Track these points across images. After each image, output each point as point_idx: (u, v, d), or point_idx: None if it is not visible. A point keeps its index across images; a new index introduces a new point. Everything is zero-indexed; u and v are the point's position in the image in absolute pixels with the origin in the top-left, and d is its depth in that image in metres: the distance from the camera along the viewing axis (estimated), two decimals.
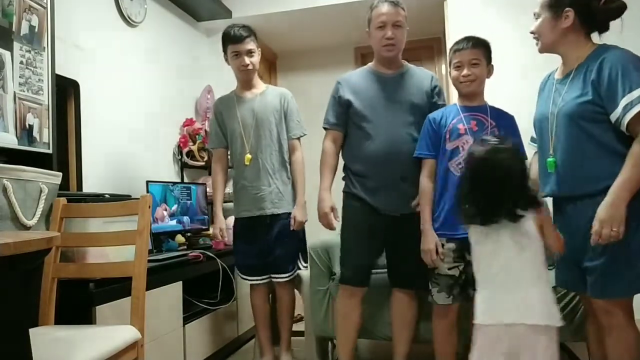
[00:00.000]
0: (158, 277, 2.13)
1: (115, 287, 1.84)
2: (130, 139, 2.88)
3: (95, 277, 1.80)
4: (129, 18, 2.92)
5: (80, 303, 1.78)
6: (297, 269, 2.48)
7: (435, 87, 2.13)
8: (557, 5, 1.66)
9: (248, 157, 2.43)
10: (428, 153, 1.98)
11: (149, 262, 1.89)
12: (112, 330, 1.60)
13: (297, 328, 2.65)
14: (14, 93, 1.72)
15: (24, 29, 1.78)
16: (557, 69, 1.79)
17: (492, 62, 1.98)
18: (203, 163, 3.38)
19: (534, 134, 1.86)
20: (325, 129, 2.21)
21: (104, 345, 1.47)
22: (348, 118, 2.13)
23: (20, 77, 1.75)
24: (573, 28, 1.66)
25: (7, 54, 1.69)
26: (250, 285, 2.51)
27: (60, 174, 1.83)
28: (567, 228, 1.64)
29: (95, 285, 1.79)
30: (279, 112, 2.48)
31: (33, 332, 1.37)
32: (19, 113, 1.73)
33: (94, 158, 2.54)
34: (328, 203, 2.11)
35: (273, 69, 4.72)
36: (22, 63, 1.76)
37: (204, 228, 3.10)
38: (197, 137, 3.36)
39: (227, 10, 3.71)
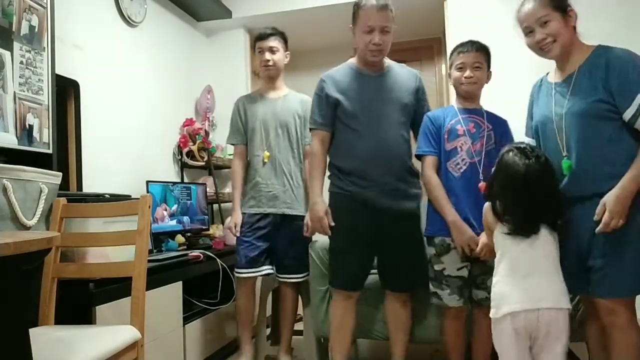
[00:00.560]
0: (158, 277, 2.13)
1: (115, 287, 1.84)
2: (130, 139, 2.89)
3: (95, 277, 1.80)
4: (129, 18, 2.92)
5: (80, 303, 1.78)
6: (309, 272, 2.44)
7: (421, 86, 2.13)
8: (562, 5, 1.68)
9: (267, 154, 2.47)
10: (430, 150, 1.98)
11: (149, 262, 1.89)
12: (112, 330, 1.60)
13: (296, 328, 2.66)
14: (14, 93, 1.72)
15: (24, 29, 1.77)
16: (547, 74, 1.82)
17: (491, 68, 2.00)
18: (203, 163, 3.38)
19: (529, 136, 1.86)
20: (312, 130, 2.14)
21: (104, 345, 1.47)
22: (335, 117, 2.08)
23: (20, 77, 1.75)
24: (574, 26, 1.70)
25: (7, 54, 1.69)
26: (239, 281, 2.47)
27: (60, 174, 1.83)
28: (573, 229, 1.64)
29: (95, 285, 1.80)
30: (301, 117, 2.51)
31: (33, 332, 1.37)
32: (19, 113, 1.73)
33: (94, 158, 2.54)
34: (322, 207, 2.04)
35: None
36: (22, 63, 1.76)
37: (204, 228, 3.10)
38: (197, 137, 3.35)
39: (227, 10, 3.71)
